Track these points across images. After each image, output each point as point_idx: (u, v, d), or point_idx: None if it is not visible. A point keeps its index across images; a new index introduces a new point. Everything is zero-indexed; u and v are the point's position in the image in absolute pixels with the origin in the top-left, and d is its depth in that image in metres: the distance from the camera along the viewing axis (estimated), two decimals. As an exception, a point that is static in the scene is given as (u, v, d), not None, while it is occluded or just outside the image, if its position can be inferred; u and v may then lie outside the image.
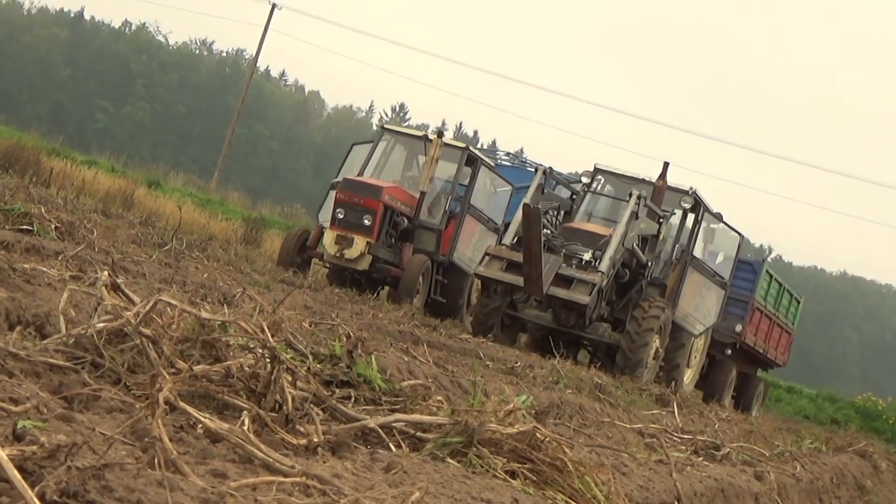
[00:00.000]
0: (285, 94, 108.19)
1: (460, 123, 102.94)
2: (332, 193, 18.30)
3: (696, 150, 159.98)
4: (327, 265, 18.51)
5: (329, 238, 17.69)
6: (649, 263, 17.39)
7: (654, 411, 10.60)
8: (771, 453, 8.82)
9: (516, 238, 16.33)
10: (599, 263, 16.03)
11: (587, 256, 16.26)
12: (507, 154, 27.81)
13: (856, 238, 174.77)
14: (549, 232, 16.67)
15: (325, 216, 18.45)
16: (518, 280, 15.70)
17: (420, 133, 19.99)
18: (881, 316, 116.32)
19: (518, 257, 15.66)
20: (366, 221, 17.51)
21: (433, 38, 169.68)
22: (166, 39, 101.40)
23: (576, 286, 15.83)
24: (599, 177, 18.96)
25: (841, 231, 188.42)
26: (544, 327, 17.45)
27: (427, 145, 18.60)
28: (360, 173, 18.69)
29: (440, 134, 18.44)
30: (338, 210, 17.71)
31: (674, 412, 10.65)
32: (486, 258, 16.47)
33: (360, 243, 17.45)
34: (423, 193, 18.48)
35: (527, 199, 16.25)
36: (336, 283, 17.78)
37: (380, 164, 19.35)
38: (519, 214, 15.96)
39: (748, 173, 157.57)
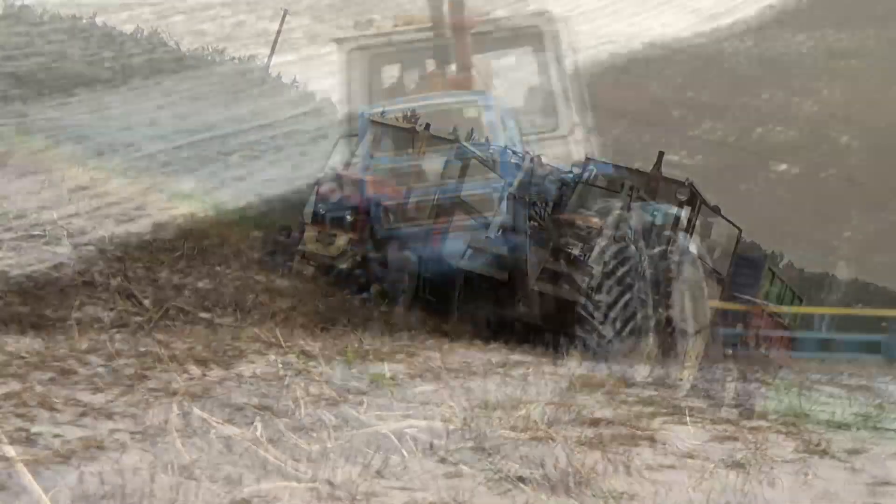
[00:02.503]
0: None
1: (472, 130, 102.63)
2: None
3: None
4: (310, 263, 18.04)
5: (309, 235, 17.21)
6: (642, 258, 16.98)
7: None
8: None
9: (500, 231, 16.13)
10: (588, 258, 16.00)
11: (576, 251, 15.80)
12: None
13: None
14: (535, 224, 16.20)
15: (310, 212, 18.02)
16: (502, 275, 15.15)
17: (408, 125, 19.45)
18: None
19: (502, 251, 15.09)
20: (348, 217, 17.09)
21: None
22: (178, 46, 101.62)
23: (563, 281, 15.77)
24: (591, 167, 18.42)
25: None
26: (530, 325, 16.91)
27: (415, 138, 18.13)
28: (345, 167, 18.30)
29: (428, 126, 17.96)
30: (319, 205, 17.27)
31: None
32: (469, 251, 16.03)
33: (341, 240, 16.97)
34: (409, 188, 18.03)
35: (512, 190, 15.83)
36: (322, 282, 17.33)
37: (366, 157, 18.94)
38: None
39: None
